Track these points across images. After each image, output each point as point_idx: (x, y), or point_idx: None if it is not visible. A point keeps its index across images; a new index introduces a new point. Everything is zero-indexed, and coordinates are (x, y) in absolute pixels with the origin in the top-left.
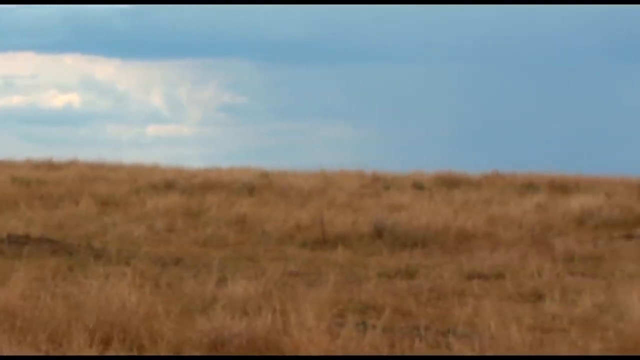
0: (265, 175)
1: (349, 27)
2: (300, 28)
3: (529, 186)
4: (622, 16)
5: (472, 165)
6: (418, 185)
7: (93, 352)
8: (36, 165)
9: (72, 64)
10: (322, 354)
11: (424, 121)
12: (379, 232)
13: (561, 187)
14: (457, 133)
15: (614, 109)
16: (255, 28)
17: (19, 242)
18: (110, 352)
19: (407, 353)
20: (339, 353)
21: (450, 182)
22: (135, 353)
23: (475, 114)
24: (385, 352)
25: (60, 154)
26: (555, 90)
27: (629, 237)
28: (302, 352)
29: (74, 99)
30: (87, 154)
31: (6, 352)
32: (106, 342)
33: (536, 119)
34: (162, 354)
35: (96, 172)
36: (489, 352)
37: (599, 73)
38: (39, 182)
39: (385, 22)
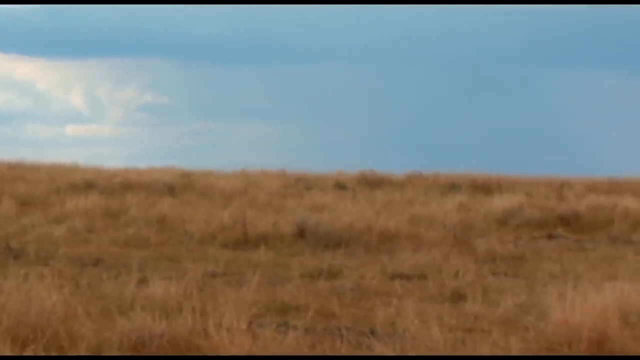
0: (186, 175)
1: (271, 27)
2: (221, 28)
3: (451, 186)
4: (544, 18)
5: (394, 166)
6: (340, 186)
7: (11, 353)
8: None
9: None
10: (243, 354)
11: (347, 121)
12: (301, 233)
13: (483, 188)
14: (380, 133)
15: (535, 111)
16: (176, 28)
17: None
18: (29, 353)
19: (329, 353)
20: (260, 354)
21: (373, 183)
22: (54, 354)
23: (398, 114)
24: (306, 352)
25: None
26: (477, 91)
27: (550, 237)
28: (223, 353)
29: None
30: (7, 154)
31: None
32: (24, 343)
33: (458, 119)
34: (82, 354)
35: (15, 172)
36: (411, 353)
37: (520, 75)
38: None
39: (307, 22)
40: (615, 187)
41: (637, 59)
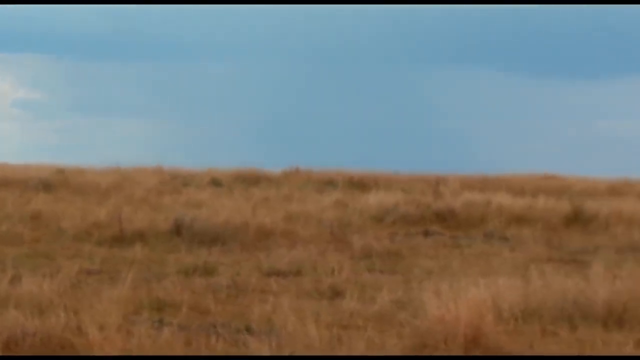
0: (61, 171)
1: (147, 23)
2: (96, 23)
3: (327, 183)
4: (418, 15)
5: (271, 162)
6: (216, 182)
7: None
8: None
9: None
10: (117, 352)
11: (223, 118)
12: (177, 229)
13: (360, 184)
14: (256, 130)
15: (411, 108)
16: (50, 23)
17: None
18: None
19: (204, 351)
20: (135, 351)
21: (249, 179)
22: None
23: (274, 111)
24: (181, 350)
25: None
26: (353, 88)
27: (425, 233)
28: (97, 351)
29: None
30: None
31: None
32: None
33: (336, 116)
34: None
35: None
36: (286, 350)
37: (395, 71)
38: None
39: (184, 19)
40: (489, 184)
41: (511, 57)
